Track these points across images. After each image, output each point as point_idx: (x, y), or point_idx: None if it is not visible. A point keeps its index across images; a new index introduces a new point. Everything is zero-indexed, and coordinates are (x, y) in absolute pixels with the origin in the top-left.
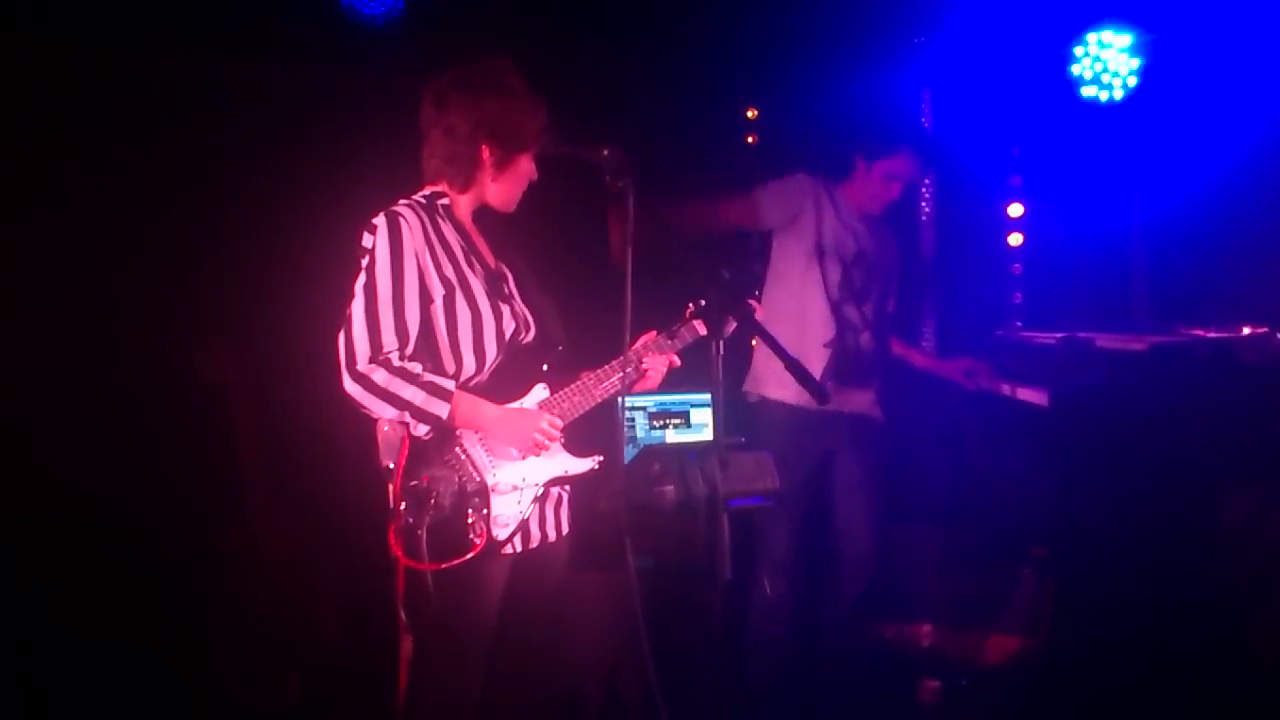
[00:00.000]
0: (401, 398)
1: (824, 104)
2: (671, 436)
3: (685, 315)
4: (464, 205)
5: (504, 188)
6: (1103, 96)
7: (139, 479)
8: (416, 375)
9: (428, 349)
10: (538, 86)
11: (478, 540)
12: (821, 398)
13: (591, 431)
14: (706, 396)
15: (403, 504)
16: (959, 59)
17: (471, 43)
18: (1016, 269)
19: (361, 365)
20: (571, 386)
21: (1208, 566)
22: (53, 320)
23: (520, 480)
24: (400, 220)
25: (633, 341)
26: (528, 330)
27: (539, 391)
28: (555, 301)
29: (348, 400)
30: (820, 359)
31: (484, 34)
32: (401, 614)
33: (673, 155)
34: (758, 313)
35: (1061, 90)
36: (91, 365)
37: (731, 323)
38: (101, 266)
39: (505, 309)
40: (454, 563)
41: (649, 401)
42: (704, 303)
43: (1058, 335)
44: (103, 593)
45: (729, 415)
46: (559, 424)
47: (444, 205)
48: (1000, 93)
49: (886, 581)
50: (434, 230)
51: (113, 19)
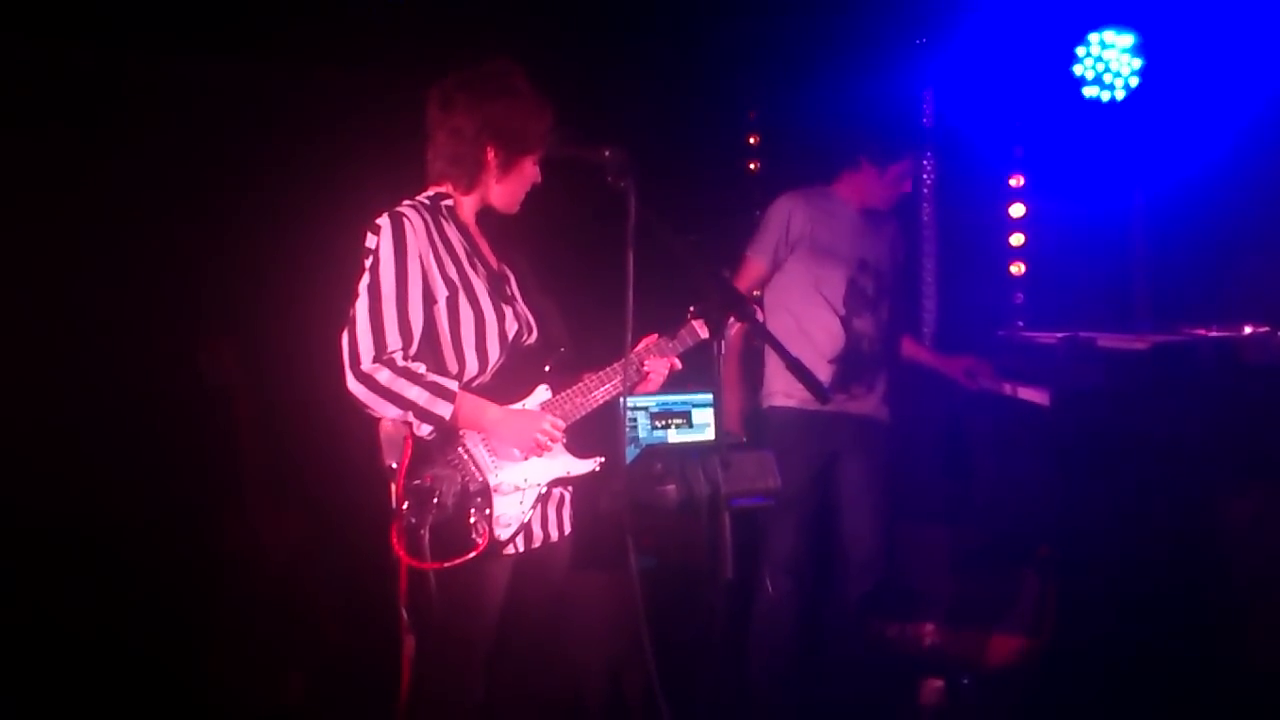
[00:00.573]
0: (405, 398)
1: (829, 104)
2: (673, 436)
3: (686, 317)
4: (467, 206)
5: (508, 189)
6: (1104, 97)
7: (142, 479)
8: (420, 375)
9: (430, 349)
10: (541, 87)
11: (480, 540)
12: (823, 397)
13: (593, 432)
14: (709, 396)
15: (405, 503)
16: (961, 59)
17: (475, 44)
18: (1018, 269)
19: (365, 365)
20: (573, 388)
21: (1210, 566)
22: (55, 321)
23: (522, 481)
24: (404, 220)
25: (634, 344)
26: (530, 332)
27: (541, 392)
28: (557, 303)
29: (351, 400)
30: (826, 374)
31: (486, 35)
32: (404, 614)
33: (675, 158)
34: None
35: (1064, 90)
36: (94, 366)
37: (734, 324)
38: (104, 267)
39: (508, 310)
40: (456, 562)
41: (651, 402)
42: (705, 304)
43: (1059, 335)
44: (105, 593)
45: (751, 426)
46: (561, 425)
47: (447, 206)
48: (1003, 93)
49: (889, 581)
50: (437, 231)
51: (115, 19)
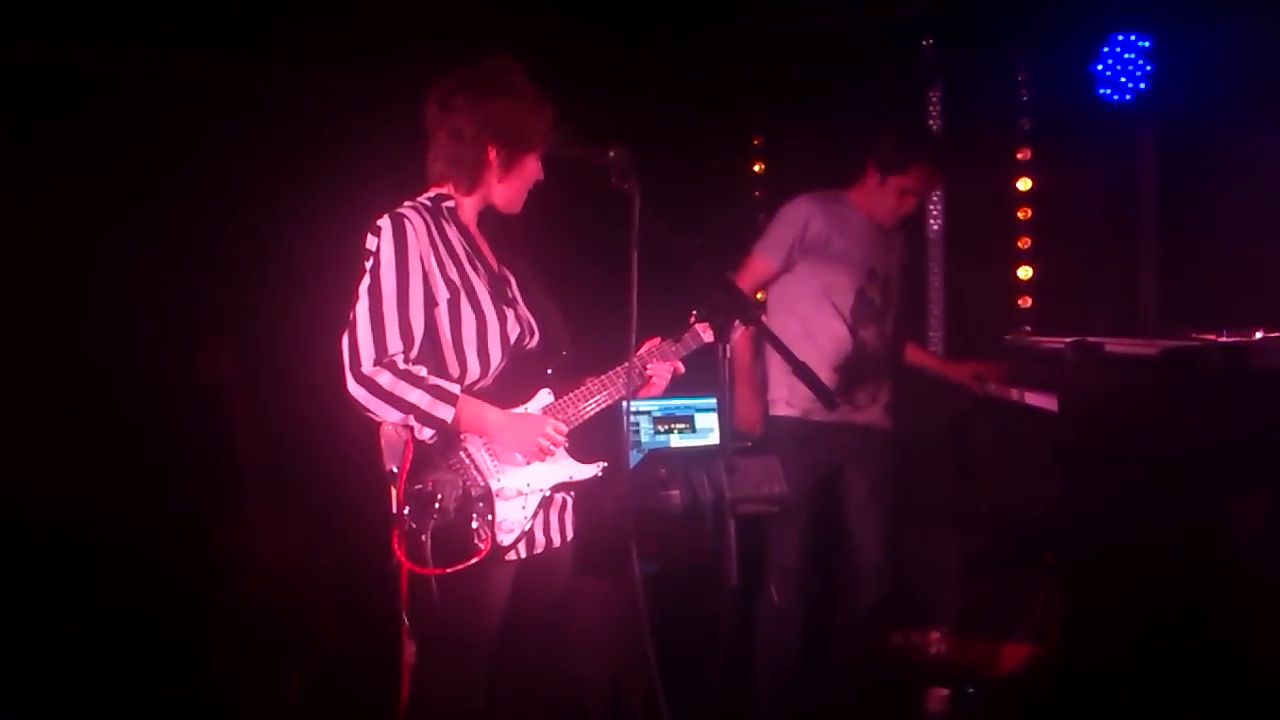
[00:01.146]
0: (407, 401)
1: (835, 111)
2: (676, 441)
3: (689, 321)
4: (469, 207)
5: (510, 189)
6: (1116, 98)
7: (140, 481)
8: (422, 379)
9: (431, 352)
10: (543, 87)
11: (482, 545)
12: (829, 403)
13: (596, 437)
14: (712, 400)
15: (406, 508)
16: (968, 61)
17: (475, 43)
18: (1026, 273)
19: (366, 368)
20: (575, 392)
21: (1220, 573)
22: (54, 322)
23: (525, 486)
24: (405, 222)
25: (637, 346)
26: (531, 335)
27: (543, 396)
28: (559, 306)
29: (351, 403)
30: (831, 382)
31: (487, 34)
32: (405, 620)
33: (678, 159)
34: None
35: (1075, 92)
36: (93, 368)
37: (737, 327)
38: (103, 268)
39: (509, 313)
40: (458, 567)
41: (654, 406)
42: (709, 307)
43: (1067, 340)
44: (103, 595)
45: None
46: (564, 429)
47: (449, 208)
48: (1011, 95)
49: (895, 589)
50: (438, 233)
51: (113, 19)
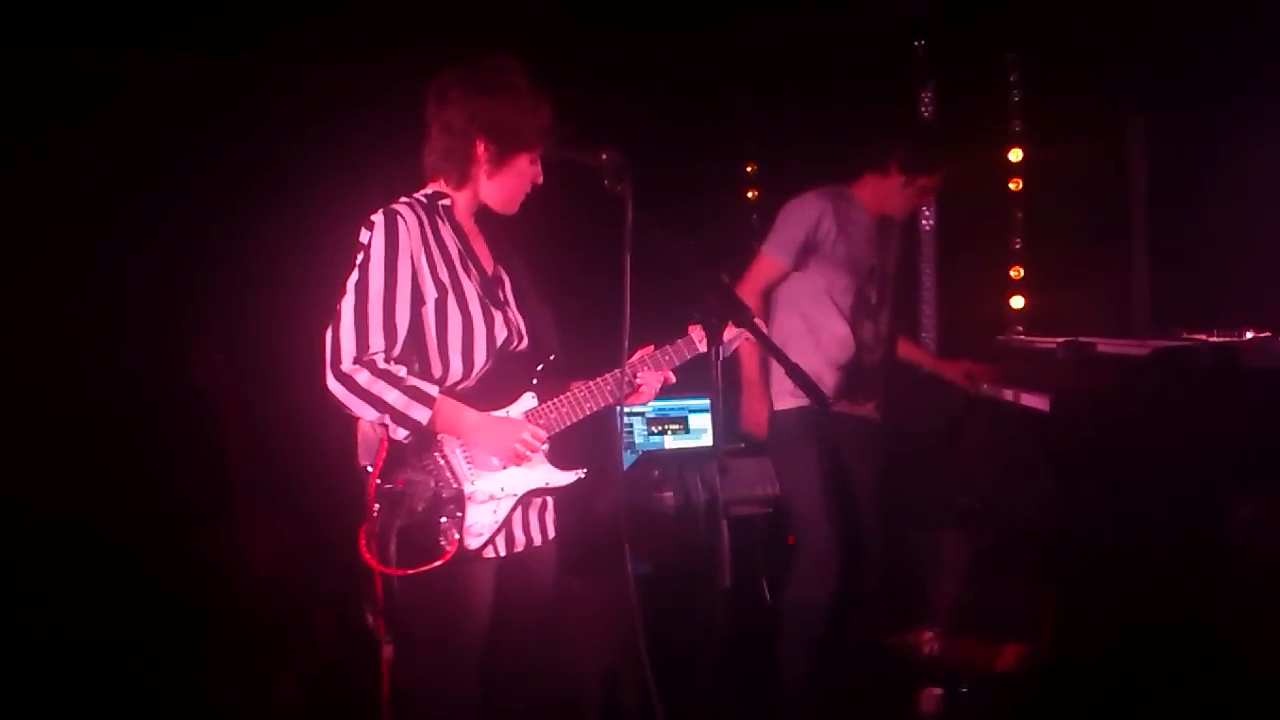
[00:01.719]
0: (384, 400)
1: (826, 112)
2: (670, 442)
3: (686, 329)
4: (463, 205)
5: (500, 187)
6: None
7: (132, 485)
8: (400, 379)
9: (416, 351)
10: (542, 87)
11: (448, 547)
12: (823, 404)
13: (579, 444)
14: (705, 402)
15: (376, 506)
16: (960, 62)
17: (473, 44)
18: (1018, 273)
19: (346, 365)
20: (560, 397)
21: (1211, 573)
22: (44, 324)
23: (499, 490)
24: (399, 218)
25: (631, 352)
26: (520, 338)
27: (527, 400)
28: (551, 310)
29: (330, 399)
30: (833, 380)
31: (484, 35)
32: (374, 620)
33: (671, 161)
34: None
35: (1066, 93)
36: (84, 369)
37: (731, 329)
38: (95, 270)
39: (498, 315)
40: (420, 569)
41: (647, 407)
42: (703, 311)
43: (1059, 340)
44: (96, 599)
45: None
46: (542, 435)
47: (444, 206)
48: (1003, 95)
49: (887, 588)
50: (432, 231)
51: (108, 19)
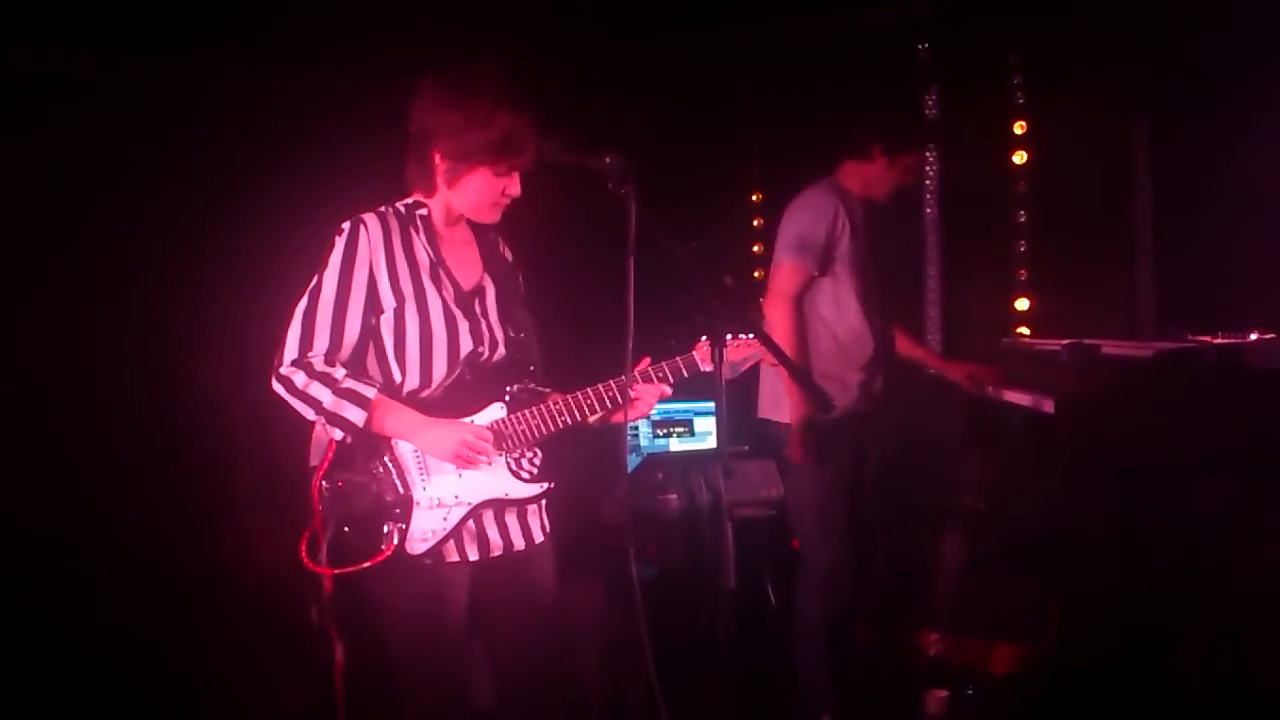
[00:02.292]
0: (318, 401)
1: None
2: (675, 445)
3: (690, 350)
4: (440, 214)
5: (463, 198)
6: None
7: (136, 486)
8: (335, 380)
9: (375, 358)
10: (536, 92)
11: (385, 550)
12: (825, 407)
13: (549, 457)
14: (710, 405)
15: (317, 505)
16: (963, 63)
17: (471, 47)
18: (1022, 274)
19: (284, 367)
20: (532, 409)
21: (1215, 573)
22: (46, 328)
23: (451, 497)
24: (360, 228)
25: (636, 362)
26: (493, 350)
27: (494, 410)
28: (538, 322)
29: (276, 399)
30: (856, 381)
31: (487, 38)
32: (319, 618)
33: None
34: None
35: (1070, 94)
36: (87, 373)
37: (744, 350)
38: (96, 273)
39: (464, 326)
40: (348, 569)
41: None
42: (705, 313)
43: (1063, 341)
44: (98, 601)
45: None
46: (488, 437)
47: (421, 215)
48: (1007, 97)
49: (892, 590)
50: (402, 241)
51: (105, 20)
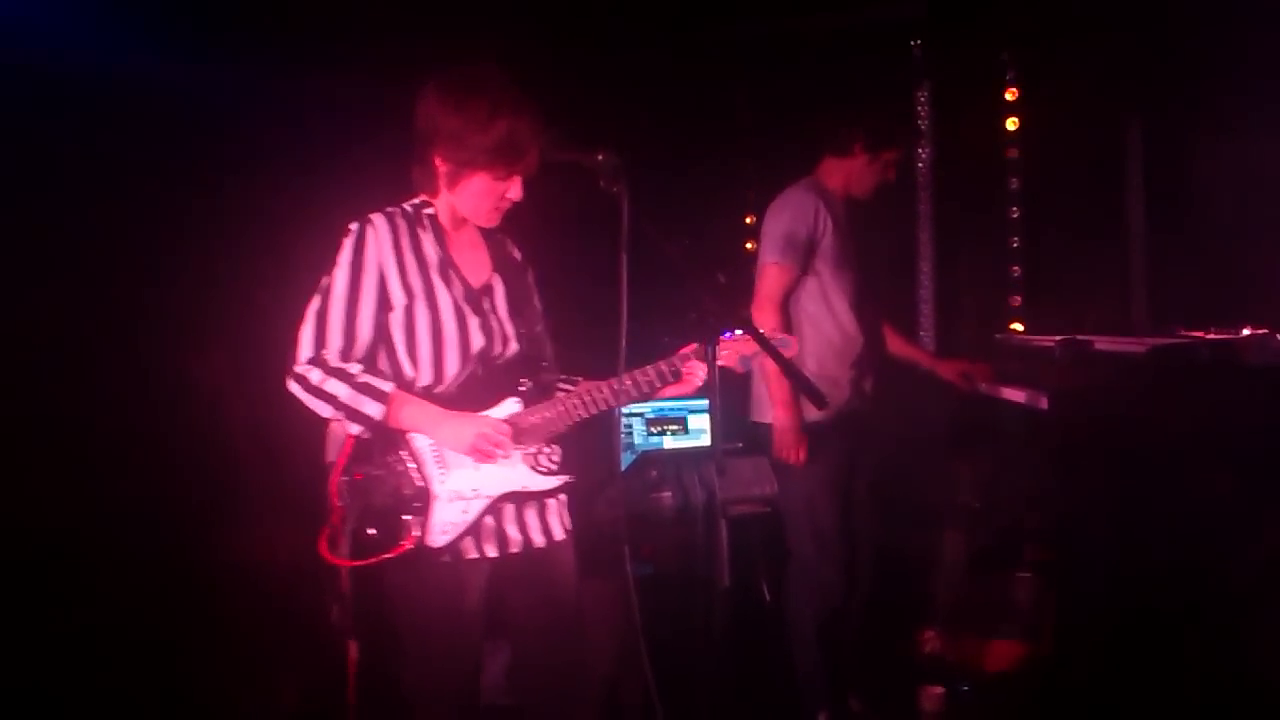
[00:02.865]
0: (335, 397)
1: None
2: (669, 443)
3: (687, 355)
4: (445, 213)
5: (462, 200)
6: None
7: (138, 487)
8: (351, 375)
9: (387, 356)
10: (530, 93)
11: (405, 543)
12: (820, 403)
13: (566, 450)
14: (704, 402)
15: (337, 501)
16: (955, 61)
17: (469, 47)
18: (1015, 271)
19: (299, 365)
20: (547, 403)
21: (1210, 570)
22: (47, 327)
23: (470, 490)
24: (369, 227)
25: (673, 350)
26: (505, 346)
27: (509, 405)
28: (550, 319)
29: (290, 399)
30: (847, 380)
31: (481, 36)
32: (340, 614)
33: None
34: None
35: (1062, 91)
36: (88, 373)
37: (750, 348)
38: (98, 271)
39: (474, 323)
40: (369, 561)
41: (646, 408)
42: (698, 311)
43: (1056, 338)
44: (100, 602)
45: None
46: (507, 430)
47: (429, 214)
48: (999, 94)
49: (888, 587)
50: (410, 239)
51: (106, 20)
